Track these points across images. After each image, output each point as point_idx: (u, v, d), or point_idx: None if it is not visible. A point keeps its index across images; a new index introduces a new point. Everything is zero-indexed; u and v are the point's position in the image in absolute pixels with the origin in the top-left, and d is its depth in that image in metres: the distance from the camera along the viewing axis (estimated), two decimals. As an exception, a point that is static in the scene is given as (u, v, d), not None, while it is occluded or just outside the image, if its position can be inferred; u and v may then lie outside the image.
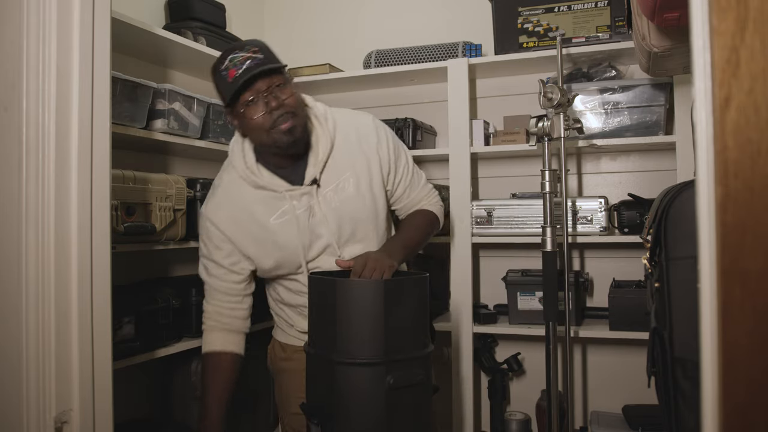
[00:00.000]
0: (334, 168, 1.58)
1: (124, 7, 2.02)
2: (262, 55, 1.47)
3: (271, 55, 1.50)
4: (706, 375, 0.60)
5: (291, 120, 1.48)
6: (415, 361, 1.36)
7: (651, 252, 1.23)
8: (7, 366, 1.14)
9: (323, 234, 1.57)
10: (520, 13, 2.41)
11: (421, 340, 1.40)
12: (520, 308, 2.35)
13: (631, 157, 2.49)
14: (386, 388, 1.31)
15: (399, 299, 1.35)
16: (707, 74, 0.59)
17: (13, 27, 1.14)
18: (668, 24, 1.32)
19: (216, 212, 1.59)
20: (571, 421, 2.39)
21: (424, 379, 1.38)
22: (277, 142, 1.49)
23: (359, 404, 1.33)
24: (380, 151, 1.63)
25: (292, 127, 1.48)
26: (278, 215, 1.56)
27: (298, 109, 1.52)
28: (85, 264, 1.18)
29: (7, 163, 1.15)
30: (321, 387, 1.40)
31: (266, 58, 1.47)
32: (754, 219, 0.58)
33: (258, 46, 1.49)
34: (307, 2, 3.02)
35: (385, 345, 1.32)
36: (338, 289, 1.35)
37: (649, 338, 1.25)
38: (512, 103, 2.57)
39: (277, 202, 1.56)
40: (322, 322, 1.40)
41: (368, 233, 1.62)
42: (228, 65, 1.46)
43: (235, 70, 1.44)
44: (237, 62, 1.45)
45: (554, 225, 2.02)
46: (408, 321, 1.36)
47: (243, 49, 1.47)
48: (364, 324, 1.33)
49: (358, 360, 1.32)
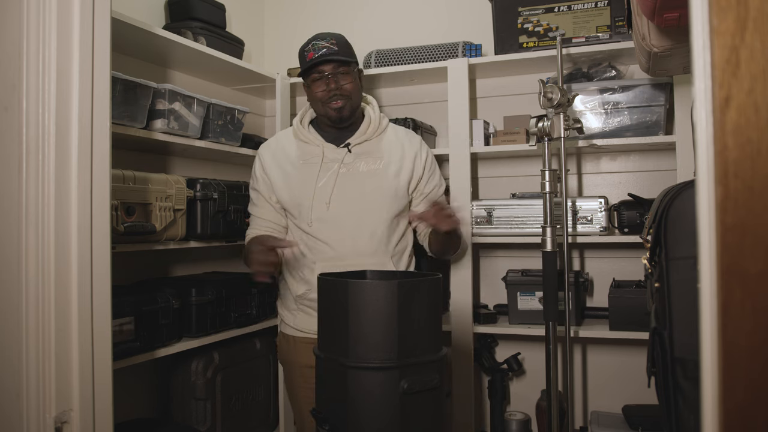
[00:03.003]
0: (372, 147, 1.89)
1: (124, 7, 2.02)
2: (337, 47, 1.82)
3: (345, 49, 1.85)
4: (706, 375, 0.60)
5: (342, 101, 1.83)
6: (430, 364, 1.32)
7: (651, 252, 1.23)
8: (7, 366, 1.14)
9: (332, 190, 1.82)
10: (520, 13, 2.41)
11: (435, 343, 1.37)
12: (520, 308, 2.35)
13: (631, 157, 2.49)
14: (400, 393, 1.27)
15: (413, 301, 1.31)
16: (707, 74, 0.59)
17: (13, 27, 1.14)
18: (668, 24, 1.32)
19: (264, 150, 1.97)
20: (571, 421, 2.39)
21: (438, 384, 1.33)
22: (328, 114, 1.85)
23: (372, 410, 1.29)
24: (417, 160, 1.92)
25: (342, 106, 1.84)
26: (309, 160, 1.87)
27: (353, 95, 1.86)
28: (85, 264, 1.18)
29: (7, 163, 1.15)
30: (332, 392, 1.36)
31: (340, 51, 1.82)
32: (754, 219, 0.58)
33: (337, 40, 1.85)
34: (307, 2, 3.01)
35: (398, 348, 1.28)
36: (350, 291, 1.31)
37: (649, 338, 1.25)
38: (512, 103, 2.57)
39: (311, 151, 1.88)
40: (332, 325, 1.37)
41: (377, 209, 1.82)
42: (309, 48, 1.83)
43: (313, 53, 1.82)
44: (317, 48, 1.82)
45: (554, 225, 2.02)
46: (422, 323, 1.33)
47: (325, 39, 1.84)
48: (377, 326, 1.29)
49: (370, 364, 1.28)
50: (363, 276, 1.54)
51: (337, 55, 1.81)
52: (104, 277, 1.23)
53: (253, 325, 2.36)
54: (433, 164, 1.98)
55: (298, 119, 1.96)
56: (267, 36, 3.09)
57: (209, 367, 2.17)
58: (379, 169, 1.86)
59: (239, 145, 2.37)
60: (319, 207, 1.82)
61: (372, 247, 1.81)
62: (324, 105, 1.84)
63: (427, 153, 1.96)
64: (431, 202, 1.75)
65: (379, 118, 1.94)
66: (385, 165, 1.87)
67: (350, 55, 1.87)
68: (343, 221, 1.81)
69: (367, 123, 1.91)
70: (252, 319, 2.34)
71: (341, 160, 1.85)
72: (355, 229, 1.81)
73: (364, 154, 1.87)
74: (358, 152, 1.87)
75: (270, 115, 2.97)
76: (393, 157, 1.89)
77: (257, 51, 3.03)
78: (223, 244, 2.29)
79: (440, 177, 2.00)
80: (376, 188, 1.84)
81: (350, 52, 1.88)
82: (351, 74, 1.85)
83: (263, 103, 3.01)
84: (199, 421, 2.14)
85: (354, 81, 1.86)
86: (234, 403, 2.27)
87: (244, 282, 2.34)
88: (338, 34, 1.89)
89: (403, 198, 1.88)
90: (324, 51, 1.81)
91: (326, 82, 1.82)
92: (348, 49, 1.87)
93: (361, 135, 1.89)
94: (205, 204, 2.12)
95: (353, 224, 1.81)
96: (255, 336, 2.43)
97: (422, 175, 1.92)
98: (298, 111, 2.01)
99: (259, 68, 2.61)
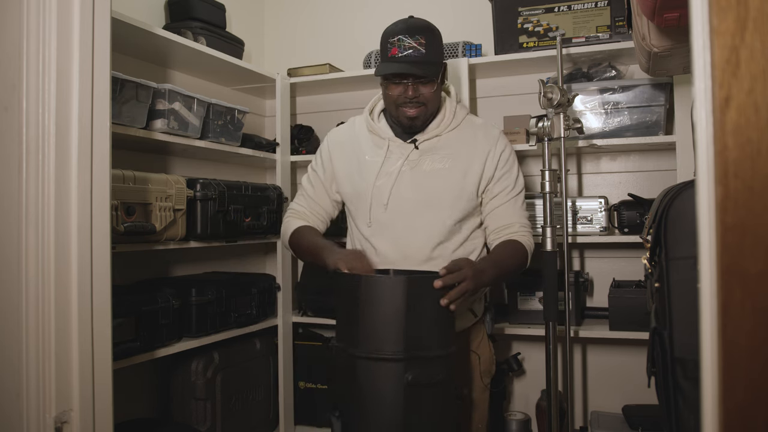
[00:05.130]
0: (443, 143, 1.72)
1: (124, 7, 2.02)
2: (425, 50, 1.60)
3: (434, 52, 1.63)
4: (706, 375, 0.60)
5: (417, 109, 1.66)
6: (436, 360, 1.36)
7: (651, 252, 1.23)
8: (7, 366, 1.14)
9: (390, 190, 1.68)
10: (520, 13, 2.41)
11: (444, 340, 1.39)
12: (520, 308, 2.35)
13: (631, 157, 2.49)
14: (404, 384, 1.31)
15: (421, 297, 1.35)
16: (707, 74, 0.59)
17: (13, 27, 1.14)
18: (668, 24, 1.32)
19: (333, 136, 1.86)
20: (571, 421, 2.39)
21: (445, 379, 1.37)
22: (399, 119, 1.69)
23: (377, 400, 1.34)
24: (490, 157, 1.72)
25: (417, 116, 1.67)
26: (374, 154, 1.74)
27: (431, 102, 1.68)
28: (85, 264, 1.18)
29: (7, 163, 1.15)
30: (342, 380, 1.42)
31: (427, 55, 1.61)
32: (754, 219, 0.58)
33: (427, 37, 1.62)
34: (307, 2, 3.01)
35: (405, 342, 1.32)
36: (362, 284, 1.37)
37: (649, 338, 1.25)
38: (512, 103, 2.56)
39: (379, 146, 1.74)
40: (346, 317, 1.43)
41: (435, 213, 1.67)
42: (395, 42, 1.62)
43: (397, 50, 1.61)
44: (402, 46, 1.61)
45: (554, 225, 2.02)
46: (429, 319, 1.36)
47: (414, 36, 1.61)
48: (385, 320, 1.33)
49: (377, 355, 1.33)
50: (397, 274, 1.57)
51: (422, 66, 1.60)
52: (104, 277, 1.22)
53: (253, 325, 2.36)
54: (509, 162, 1.74)
55: (369, 108, 1.80)
56: (267, 36, 3.09)
57: (209, 367, 2.17)
58: (445, 168, 1.68)
59: (239, 145, 2.37)
60: (376, 208, 1.69)
61: (424, 254, 1.65)
62: (398, 109, 1.67)
63: (503, 148, 1.73)
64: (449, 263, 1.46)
65: (455, 112, 1.74)
66: (452, 163, 1.69)
67: (437, 61, 1.65)
68: (396, 225, 1.67)
69: (441, 117, 1.72)
70: (252, 319, 2.34)
71: (406, 156, 1.69)
72: (408, 236, 1.66)
73: (432, 151, 1.70)
74: (425, 148, 1.70)
75: (270, 115, 2.97)
76: (463, 154, 1.70)
77: (257, 51, 3.03)
78: (223, 244, 2.29)
79: (517, 178, 1.75)
80: (438, 189, 1.67)
81: (438, 56, 1.66)
82: (434, 81, 1.65)
83: (263, 103, 3.00)
84: (199, 421, 2.14)
85: (436, 87, 1.66)
86: (234, 403, 2.27)
87: (244, 282, 2.34)
88: (428, 27, 1.65)
89: (469, 201, 1.69)
90: (410, 53, 1.60)
91: (404, 88, 1.64)
92: (436, 51, 1.65)
93: (432, 130, 1.71)
94: (205, 204, 2.12)
95: (406, 229, 1.66)
96: (255, 336, 2.43)
97: (493, 174, 1.71)
98: (298, 111, 1.96)
99: (259, 68, 2.61)
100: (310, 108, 2.94)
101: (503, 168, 1.73)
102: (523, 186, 1.78)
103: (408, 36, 1.61)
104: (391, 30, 1.65)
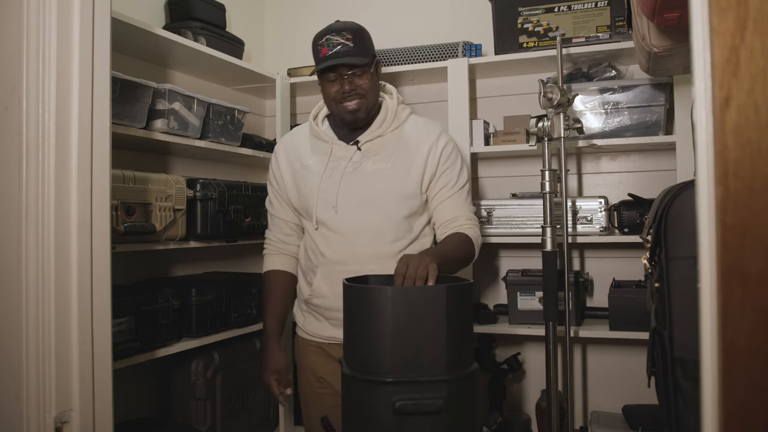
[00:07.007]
0: (384, 143, 1.75)
1: (124, 7, 2.02)
2: (353, 44, 1.67)
3: (362, 45, 1.70)
4: (706, 375, 0.60)
5: (358, 101, 1.70)
6: (431, 385, 1.17)
7: (651, 252, 1.23)
8: (7, 366, 1.14)
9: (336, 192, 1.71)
10: (520, 13, 2.41)
11: (441, 362, 1.20)
12: (520, 308, 2.34)
13: (631, 157, 2.49)
14: (392, 411, 1.15)
15: (410, 312, 1.18)
16: (707, 74, 0.59)
17: (13, 27, 1.14)
18: (668, 24, 1.32)
19: (279, 146, 1.90)
20: (571, 421, 2.39)
21: (441, 408, 1.17)
22: (341, 115, 1.73)
23: (366, 425, 1.20)
24: (431, 154, 1.73)
25: (358, 108, 1.70)
26: (317, 158, 1.77)
27: (369, 93, 1.72)
28: (85, 264, 1.18)
29: (7, 163, 1.15)
30: (340, 400, 1.31)
31: (355, 48, 1.67)
32: (754, 219, 0.58)
33: (353, 33, 1.69)
34: (307, 2, 3.01)
35: (392, 362, 1.16)
36: (351, 294, 1.24)
37: (649, 338, 1.25)
38: (512, 103, 2.56)
39: (321, 148, 1.78)
40: (347, 333, 1.29)
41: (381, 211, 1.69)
42: (323, 43, 1.69)
43: (327, 50, 1.68)
44: (331, 44, 1.68)
45: (554, 225, 2.02)
46: (421, 338, 1.17)
47: (340, 33, 1.69)
48: (370, 336, 1.18)
49: (362, 376, 1.19)
50: (387, 281, 1.42)
51: (352, 57, 1.66)
52: (104, 277, 1.22)
53: (253, 325, 2.36)
54: (452, 157, 1.76)
55: (313, 113, 1.84)
56: (267, 36, 3.09)
57: (209, 367, 2.17)
58: (387, 168, 1.71)
59: (239, 145, 2.37)
60: (323, 210, 1.71)
61: (374, 251, 1.67)
62: (338, 104, 1.71)
63: (445, 145, 1.75)
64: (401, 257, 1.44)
65: (397, 111, 1.77)
66: (394, 163, 1.71)
67: (367, 53, 1.71)
68: (345, 225, 1.69)
69: (382, 117, 1.76)
70: (252, 319, 2.34)
71: (349, 158, 1.72)
72: (357, 235, 1.68)
73: (374, 152, 1.73)
74: (368, 150, 1.73)
75: (270, 115, 2.97)
76: (405, 153, 1.72)
77: (257, 51, 3.03)
78: (223, 244, 2.29)
79: (460, 172, 1.76)
80: (381, 189, 1.69)
81: (367, 49, 1.72)
82: (367, 72, 1.70)
83: (263, 103, 3.00)
84: (199, 421, 2.14)
85: (371, 78, 1.71)
86: (234, 403, 2.27)
87: (244, 282, 2.34)
88: (354, 26, 1.73)
89: (413, 198, 1.71)
90: (339, 49, 1.66)
91: (340, 84, 1.69)
92: (364, 45, 1.71)
93: (373, 131, 1.74)
94: (205, 204, 2.12)
95: (355, 229, 1.68)
96: (255, 336, 2.42)
97: (435, 171, 1.72)
98: (298, 111, 1.96)
99: (259, 68, 2.61)
100: (310, 108, 2.88)
101: (445, 164, 1.74)
102: (467, 180, 1.79)
103: (335, 34, 1.69)
104: (319, 34, 1.72)
